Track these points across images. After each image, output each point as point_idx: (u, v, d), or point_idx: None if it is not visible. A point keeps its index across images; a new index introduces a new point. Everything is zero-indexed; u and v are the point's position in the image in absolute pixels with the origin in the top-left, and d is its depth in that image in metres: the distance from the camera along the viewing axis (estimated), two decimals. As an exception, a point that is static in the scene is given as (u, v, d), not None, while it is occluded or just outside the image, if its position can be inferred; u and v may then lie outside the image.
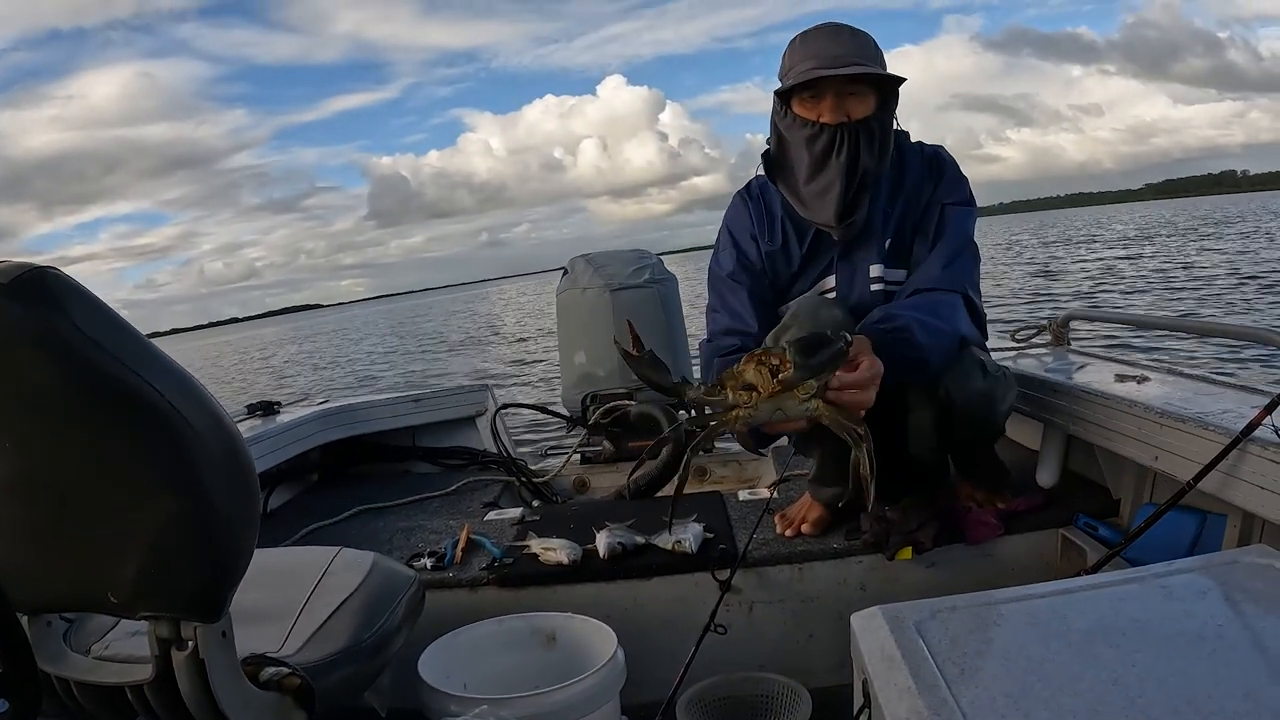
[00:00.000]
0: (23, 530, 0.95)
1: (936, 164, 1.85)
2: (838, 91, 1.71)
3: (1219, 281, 13.61)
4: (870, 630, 0.94)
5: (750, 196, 1.94)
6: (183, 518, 0.89)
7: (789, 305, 1.85)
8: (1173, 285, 14.02)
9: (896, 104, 1.77)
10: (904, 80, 1.74)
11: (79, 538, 0.92)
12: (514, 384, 10.92)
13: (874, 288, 1.81)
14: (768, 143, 1.88)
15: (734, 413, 1.42)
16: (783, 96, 1.77)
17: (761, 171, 1.92)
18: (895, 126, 1.80)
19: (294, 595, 1.33)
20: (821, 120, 1.72)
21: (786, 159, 1.82)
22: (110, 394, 0.85)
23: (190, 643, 0.95)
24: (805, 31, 1.76)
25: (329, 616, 1.27)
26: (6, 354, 0.84)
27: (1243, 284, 12.79)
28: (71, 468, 0.89)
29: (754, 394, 1.39)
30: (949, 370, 1.70)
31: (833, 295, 1.84)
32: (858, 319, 1.71)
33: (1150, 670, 0.80)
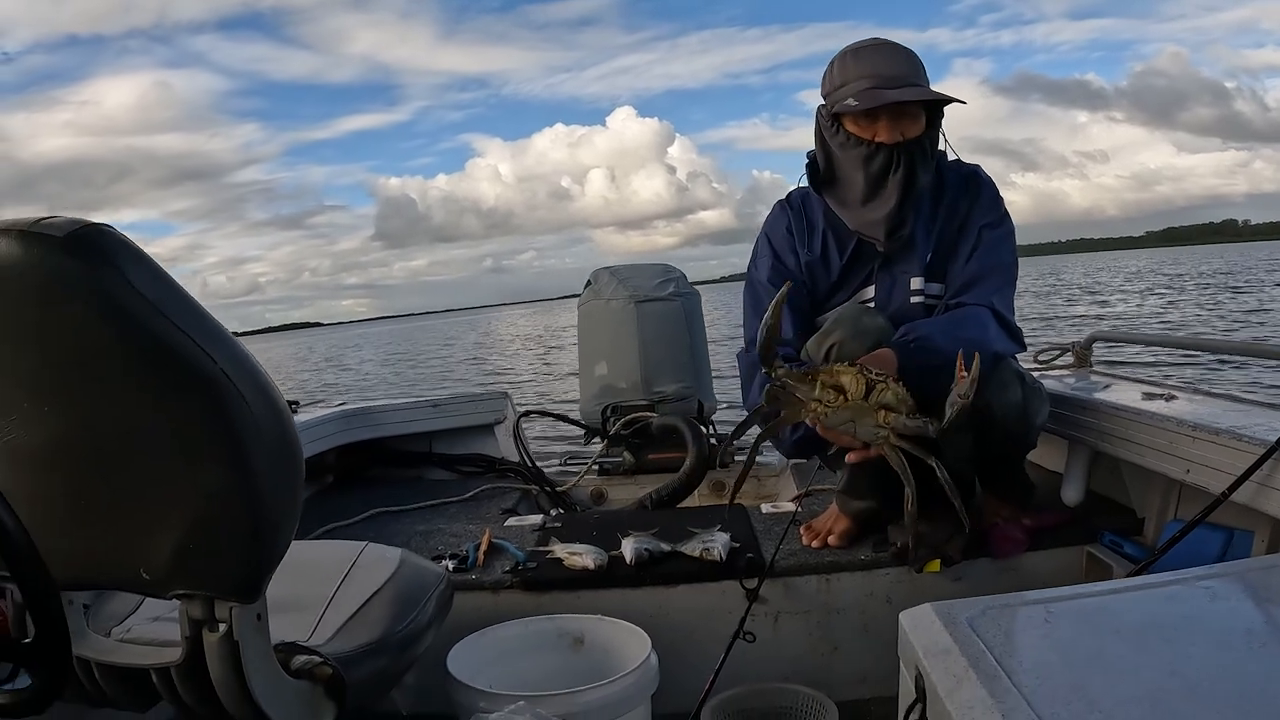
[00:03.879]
0: (57, 500, 0.90)
1: (974, 183, 1.86)
2: (892, 112, 1.72)
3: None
4: (922, 625, 0.92)
5: (790, 206, 1.94)
6: (229, 492, 0.86)
7: (828, 314, 1.85)
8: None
9: (942, 121, 1.79)
10: (956, 100, 1.73)
11: (117, 509, 0.89)
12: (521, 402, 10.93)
13: (914, 300, 1.82)
14: (809, 156, 1.88)
15: (812, 404, 1.49)
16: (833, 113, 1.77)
17: (805, 183, 1.92)
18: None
19: (321, 587, 1.29)
20: (877, 139, 1.73)
21: (835, 174, 1.83)
22: (163, 357, 0.82)
23: (224, 624, 0.91)
24: (856, 47, 1.78)
25: (359, 608, 1.24)
26: (56, 310, 0.81)
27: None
28: (115, 433, 0.85)
29: (840, 397, 1.42)
30: (988, 381, 1.68)
31: (872, 305, 1.84)
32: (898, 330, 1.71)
33: (1207, 662, 0.79)
